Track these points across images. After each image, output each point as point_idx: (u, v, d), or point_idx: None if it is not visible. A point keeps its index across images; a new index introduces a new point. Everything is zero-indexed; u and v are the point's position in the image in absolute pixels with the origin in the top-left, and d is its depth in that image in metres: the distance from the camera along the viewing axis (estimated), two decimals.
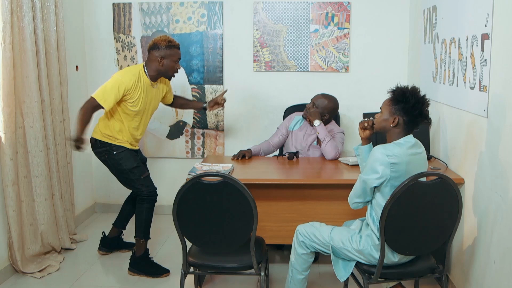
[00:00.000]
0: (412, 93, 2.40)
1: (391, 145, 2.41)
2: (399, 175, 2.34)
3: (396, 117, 2.41)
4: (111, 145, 3.33)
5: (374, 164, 2.38)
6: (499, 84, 2.41)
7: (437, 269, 2.53)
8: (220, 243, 2.56)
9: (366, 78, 4.37)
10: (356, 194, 2.51)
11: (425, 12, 3.72)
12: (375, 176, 2.37)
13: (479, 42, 2.61)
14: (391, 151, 2.36)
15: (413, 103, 2.38)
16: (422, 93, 2.44)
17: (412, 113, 2.39)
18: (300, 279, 2.72)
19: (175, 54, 3.34)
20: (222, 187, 2.42)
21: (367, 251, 2.47)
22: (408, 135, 2.44)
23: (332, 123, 3.78)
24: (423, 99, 2.41)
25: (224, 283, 3.32)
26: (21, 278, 3.34)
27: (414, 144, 2.43)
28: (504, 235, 2.37)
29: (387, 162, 2.34)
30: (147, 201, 3.41)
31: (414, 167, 2.38)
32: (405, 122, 2.41)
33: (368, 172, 2.41)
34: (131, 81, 3.22)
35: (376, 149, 2.40)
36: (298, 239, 2.70)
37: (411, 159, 2.38)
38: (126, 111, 3.31)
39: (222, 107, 3.87)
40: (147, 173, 3.46)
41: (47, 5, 3.65)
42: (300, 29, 4.34)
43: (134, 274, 3.38)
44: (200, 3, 4.37)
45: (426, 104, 2.42)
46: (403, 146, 2.39)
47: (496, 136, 2.46)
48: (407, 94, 2.40)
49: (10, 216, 3.28)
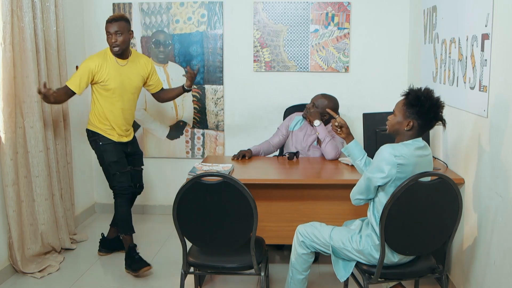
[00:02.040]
0: (427, 96, 2.36)
1: (399, 145, 2.39)
2: (405, 176, 2.33)
3: (410, 120, 2.37)
4: (99, 136, 3.49)
5: (380, 163, 2.36)
6: (499, 84, 2.41)
7: (437, 269, 2.53)
8: (220, 243, 2.56)
9: (366, 78, 4.37)
10: (359, 190, 2.50)
11: (425, 12, 3.72)
12: (381, 175, 2.36)
13: (479, 42, 2.61)
14: (399, 152, 2.34)
15: (428, 107, 2.35)
16: (436, 95, 2.40)
17: (427, 116, 2.36)
18: (300, 279, 2.72)
19: (107, 28, 3.41)
20: (222, 187, 2.42)
21: (367, 251, 2.47)
22: (419, 138, 2.42)
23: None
24: (438, 103, 2.38)
25: (224, 283, 3.32)
26: (21, 278, 3.34)
27: (422, 147, 2.42)
28: (504, 235, 2.37)
29: (394, 162, 2.32)
30: (119, 195, 3.50)
31: (420, 169, 2.37)
32: (419, 125, 2.39)
33: (373, 171, 2.39)
34: (94, 63, 3.38)
35: (384, 148, 2.38)
36: (298, 239, 2.70)
37: (418, 161, 2.36)
38: (103, 94, 3.44)
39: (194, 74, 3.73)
40: (127, 169, 3.53)
41: (47, 5, 3.65)
42: (300, 29, 4.34)
43: (129, 272, 3.41)
44: (200, 3, 4.37)
45: (441, 107, 2.39)
46: (411, 147, 2.37)
47: (496, 136, 2.46)
48: (421, 98, 2.35)
49: (10, 216, 3.28)
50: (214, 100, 4.49)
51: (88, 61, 3.41)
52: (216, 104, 4.50)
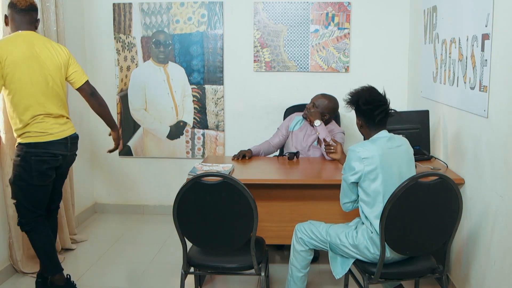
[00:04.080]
0: (355, 93, 2.55)
1: (364, 142, 2.55)
2: (373, 167, 2.43)
3: (357, 120, 2.59)
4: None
5: (349, 162, 2.51)
6: (500, 84, 2.41)
7: (437, 269, 2.53)
8: (220, 243, 2.56)
9: (367, 78, 4.34)
10: (342, 194, 2.63)
11: (425, 12, 3.72)
12: (351, 172, 2.49)
13: (480, 42, 2.61)
14: (361, 147, 2.48)
15: (356, 101, 2.52)
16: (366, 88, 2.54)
17: (363, 110, 2.51)
18: (299, 276, 2.74)
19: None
20: (222, 187, 2.42)
21: (363, 245, 2.48)
22: (381, 131, 2.52)
23: (333, 123, 3.78)
24: (368, 94, 2.50)
25: (224, 283, 3.32)
26: (21, 278, 3.34)
27: (389, 138, 2.51)
28: (504, 235, 2.37)
29: (359, 157, 2.45)
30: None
31: (391, 160, 2.46)
32: (365, 121, 2.54)
33: (346, 171, 2.54)
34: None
35: (350, 148, 2.53)
36: (296, 236, 2.73)
37: (386, 152, 2.46)
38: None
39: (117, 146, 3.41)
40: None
41: (47, 5, 3.65)
42: (300, 29, 4.34)
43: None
44: (200, 3, 4.37)
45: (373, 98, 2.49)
46: (376, 141, 2.49)
47: (496, 136, 2.46)
48: (353, 97, 2.55)
49: (10, 216, 3.28)
50: (214, 100, 4.50)
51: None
52: (216, 104, 4.50)
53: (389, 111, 2.51)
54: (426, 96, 3.71)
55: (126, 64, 4.50)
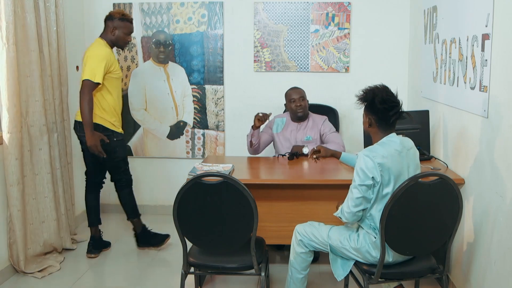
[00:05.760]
0: (371, 90, 2.46)
1: (374, 146, 2.45)
2: (388, 174, 2.36)
3: (368, 117, 2.48)
4: (113, 132, 3.54)
5: (360, 169, 2.38)
6: (500, 85, 2.41)
7: (438, 269, 2.53)
8: (220, 243, 2.56)
9: (367, 78, 4.33)
10: (355, 202, 2.41)
11: (426, 12, 3.72)
12: (367, 179, 2.36)
13: (480, 42, 2.61)
14: (375, 152, 2.38)
15: (371, 98, 2.43)
16: (383, 88, 2.47)
17: (378, 108, 2.41)
18: (299, 278, 2.73)
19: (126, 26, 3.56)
20: (222, 188, 2.42)
21: (365, 249, 2.47)
22: (390, 134, 2.46)
23: (327, 124, 3.78)
24: (384, 92, 2.43)
25: (224, 283, 3.32)
26: (22, 278, 3.35)
27: (400, 142, 2.44)
28: (504, 235, 2.37)
29: (374, 164, 2.35)
30: (127, 186, 3.75)
31: (403, 163, 2.40)
32: (377, 120, 2.45)
33: (360, 178, 2.38)
34: (107, 52, 3.45)
35: (360, 154, 2.42)
36: (296, 238, 2.71)
37: (399, 156, 2.40)
38: (113, 84, 3.50)
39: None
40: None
41: (48, 5, 3.65)
42: (301, 29, 4.34)
43: (144, 248, 3.79)
44: (201, 4, 4.37)
45: (389, 97, 2.42)
46: (388, 145, 2.41)
47: (496, 137, 2.46)
48: (367, 93, 2.47)
49: (14, 215, 3.28)
50: (214, 100, 4.50)
51: (100, 51, 3.42)
52: (216, 104, 4.50)
53: (402, 113, 2.45)
54: (426, 96, 3.71)
55: (126, 64, 4.50)
